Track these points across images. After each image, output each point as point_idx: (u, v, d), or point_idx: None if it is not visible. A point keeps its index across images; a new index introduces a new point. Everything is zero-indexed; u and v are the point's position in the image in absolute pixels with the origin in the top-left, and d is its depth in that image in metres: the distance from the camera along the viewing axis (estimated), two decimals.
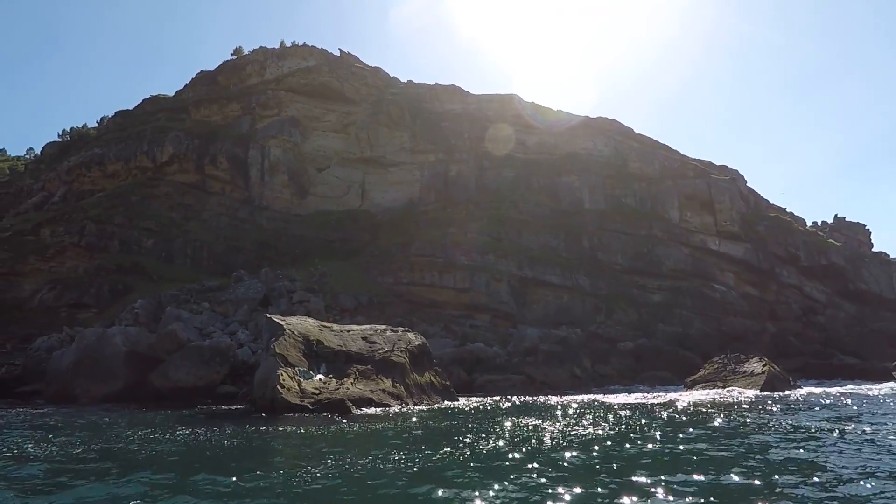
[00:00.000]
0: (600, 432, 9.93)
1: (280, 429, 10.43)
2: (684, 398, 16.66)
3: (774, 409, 13.43)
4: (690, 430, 10.14)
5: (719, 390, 17.25)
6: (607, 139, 46.27)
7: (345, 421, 11.39)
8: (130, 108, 54.71)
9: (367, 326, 17.73)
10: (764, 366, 17.69)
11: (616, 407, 14.39)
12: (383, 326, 17.87)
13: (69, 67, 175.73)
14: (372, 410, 12.43)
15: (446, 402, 15.28)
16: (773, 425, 10.32)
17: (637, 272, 39.89)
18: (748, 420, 11.10)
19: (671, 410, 12.70)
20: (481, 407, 14.34)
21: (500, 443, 8.88)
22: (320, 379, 13.46)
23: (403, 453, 8.07)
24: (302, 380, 13.11)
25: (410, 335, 17.15)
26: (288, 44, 54.17)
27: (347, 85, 48.67)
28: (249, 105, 49.04)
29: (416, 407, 13.77)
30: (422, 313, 35.64)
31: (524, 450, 8.39)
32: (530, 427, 10.41)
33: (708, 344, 34.12)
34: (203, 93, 52.43)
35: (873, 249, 52.81)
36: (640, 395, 19.01)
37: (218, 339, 26.01)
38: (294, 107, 48.29)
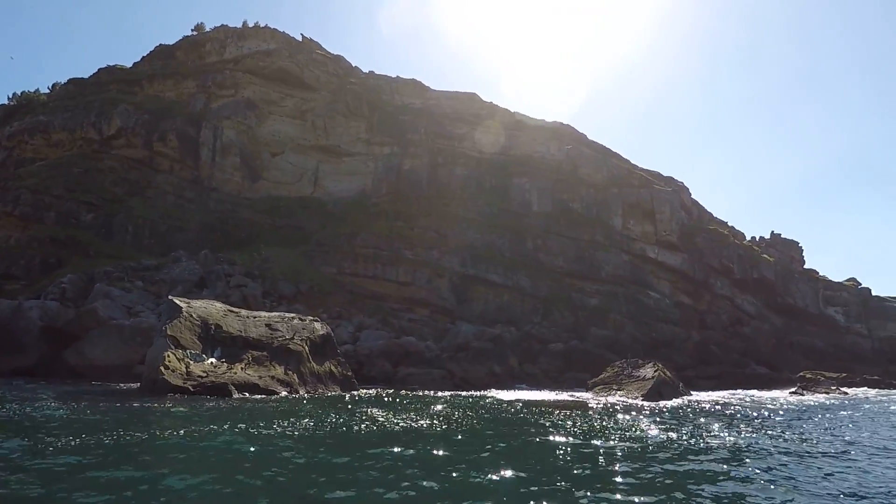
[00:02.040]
0: (422, 423, 10.53)
1: (135, 405, 10.75)
2: (569, 399, 17.61)
3: (621, 412, 14.18)
4: (489, 428, 10.75)
5: (608, 394, 18.19)
6: (561, 144, 47.30)
7: (219, 404, 11.68)
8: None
9: (277, 314, 17.96)
10: (655, 371, 18.72)
11: (487, 403, 15.09)
12: (292, 315, 18.12)
13: (30, 32, 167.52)
14: (255, 396, 12.75)
15: (342, 392, 15.70)
16: (584, 427, 10.93)
17: (577, 276, 41.09)
18: (575, 420, 11.88)
19: (528, 410, 13.36)
20: (366, 397, 14.78)
21: (306, 422, 9.48)
22: (212, 363, 13.67)
23: (207, 427, 8.53)
24: (192, 362, 13.30)
25: (316, 325, 17.46)
26: (251, 24, 53.40)
27: (307, 71, 48.26)
28: (205, 83, 48.13)
29: (306, 394, 14.15)
30: (362, 304, 35.96)
31: (305, 429, 8.92)
32: (365, 415, 10.92)
33: (636, 349, 35.46)
34: (158, 67, 51.18)
35: (805, 266, 55.64)
36: (537, 393, 19.83)
37: (141, 319, 25.74)
38: (251, 89, 47.64)
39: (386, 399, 14.90)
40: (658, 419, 12.67)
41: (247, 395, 12.71)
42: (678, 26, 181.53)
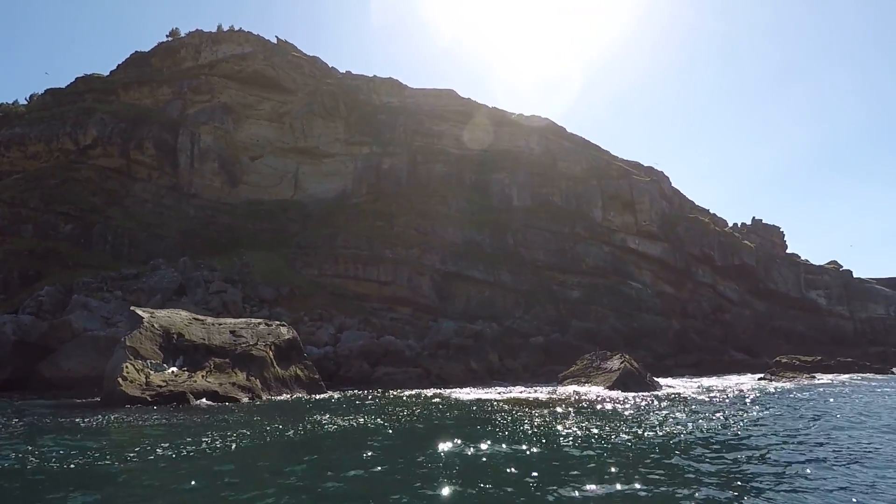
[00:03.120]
0: (368, 423, 10.69)
1: (77, 419, 10.79)
2: (536, 394, 17.81)
3: (575, 405, 14.36)
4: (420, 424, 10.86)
5: (577, 387, 18.41)
6: (539, 137, 47.44)
7: (166, 417, 11.74)
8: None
9: (243, 320, 18.04)
10: (622, 363, 18.94)
11: (451, 402, 15.26)
12: (259, 321, 18.21)
13: (11, 41, 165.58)
14: (215, 403, 12.83)
15: (308, 395, 15.83)
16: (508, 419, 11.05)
17: (558, 269, 41.31)
18: (514, 414, 12.04)
19: (478, 408, 13.48)
20: (327, 401, 14.82)
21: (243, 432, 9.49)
22: (172, 372, 13.75)
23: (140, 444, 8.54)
24: (152, 372, 13.38)
25: (283, 329, 17.54)
26: (225, 28, 53.14)
27: (283, 73, 48.13)
28: (181, 89, 47.93)
29: (270, 399, 14.26)
30: (343, 305, 36.04)
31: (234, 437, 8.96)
32: (309, 421, 10.98)
33: (616, 340, 35.77)
34: (134, 75, 50.89)
35: (787, 251, 56.12)
36: (507, 389, 20.01)
37: (118, 330, 25.73)
38: (227, 93, 47.49)
39: (357, 401, 14.95)
40: (601, 414, 12.87)
41: (206, 402, 12.81)
42: (657, 19, 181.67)
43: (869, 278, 52.08)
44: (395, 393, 18.42)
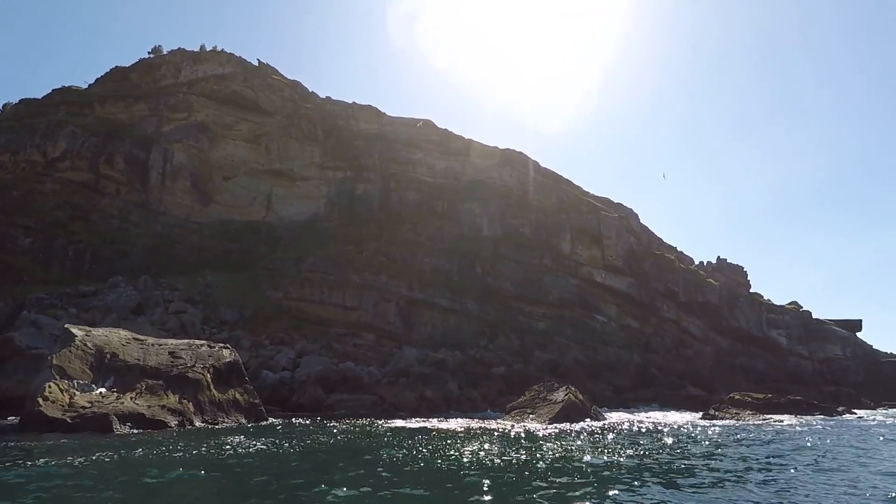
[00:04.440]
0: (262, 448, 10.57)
1: None
2: (473, 423, 17.83)
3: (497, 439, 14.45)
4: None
5: (522, 419, 18.43)
6: (512, 170, 48.41)
7: (76, 443, 11.37)
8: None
9: (185, 341, 17.77)
10: (566, 395, 19.11)
11: (380, 431, 15.18)
12: (202, 342, 17.96)
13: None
14: (138, 430, 12.41)
15: (245, 421, 15.52)
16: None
17: (525, 299, 41.66)
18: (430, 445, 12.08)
19: (407, 438, 13.42)
20: (257, 429, 14.46)
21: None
22: (100, 392, 13.44)
23: None
24: (79, 392, 13.07)
25: (225, 351, 17.32)
26: (208, 48, 53.70)
27: (262, 95, 48.59)
28: (158, 106, 47.95)
29: (200, 424, 13.94)
30: (306, 330, 35.68)
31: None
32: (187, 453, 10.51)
33: (578, 372, 36.01)
34: (111, 89, 50.84)
35: (750, 290, 57.54)
36: (451, 420, 19.93)
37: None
38: (205, 112, 47.63)
39: (255, 431, 14.61)
40: (508, 442, 12.96)
41: (129, 427, 12.47)
42: (631, 65, 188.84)
43: (827, 319, 53.54)
44: (337, 422, 18.16)
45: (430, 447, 11.73)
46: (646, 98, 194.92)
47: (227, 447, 10.68)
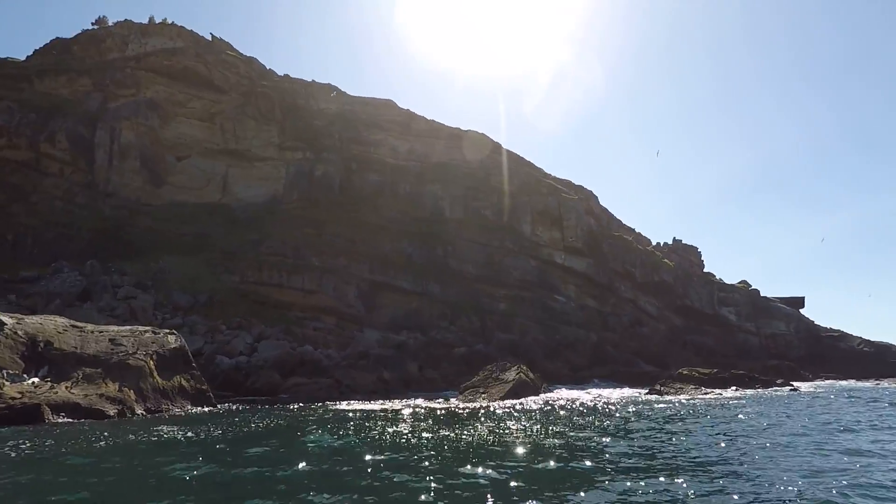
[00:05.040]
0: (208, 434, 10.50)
1: None
2: (424, 403, 18.14)
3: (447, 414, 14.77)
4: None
5: (473, 398, 18.84)
6: (475, 152, 48.30)
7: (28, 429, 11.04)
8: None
9: (127, 328, 17.24)
10: (517, 374, 19.60)
11: (324, 414, 15.25)
12: (146, 328, 17.46)
13: None
14: (75, 420, 12.02)
15: (192, 407, 15.26)
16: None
17: (486, 281, 42.08)
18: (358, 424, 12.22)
19: (343, 419, 13.57)
20: (200, 415, 14.24)
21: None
22: (33, 382, 12.94)
23: None
24: (8, 383, 12.53)
25: (170, 337, 16.90)
26: (157, 20, 51.05)
27: (216, 72, 46.69)
28: (103, 81, 45.49)
29: (143, 412, 13.59)
30: (265, 314, 35.12)
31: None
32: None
33: (537, 351, 36.80)
34: (52, 62, 47.84)
35: (704, 270, 59.77)
36: (406, 401, 20.16)
37: None
38: (154, 89, 45.49)
39: (192, 419, 14.39)
40: (462, 419, 13.23)
41: (66, 417, 12.07)
42: (608, 37, 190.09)
43: (773, 297, 56.24)
44: (287, 407, 18.07)
45: (357, 428, 11.83)
46: (607, 85, 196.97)
47: (150, 436, 10.48)
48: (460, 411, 15.47)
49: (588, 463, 8.25)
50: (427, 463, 8.23)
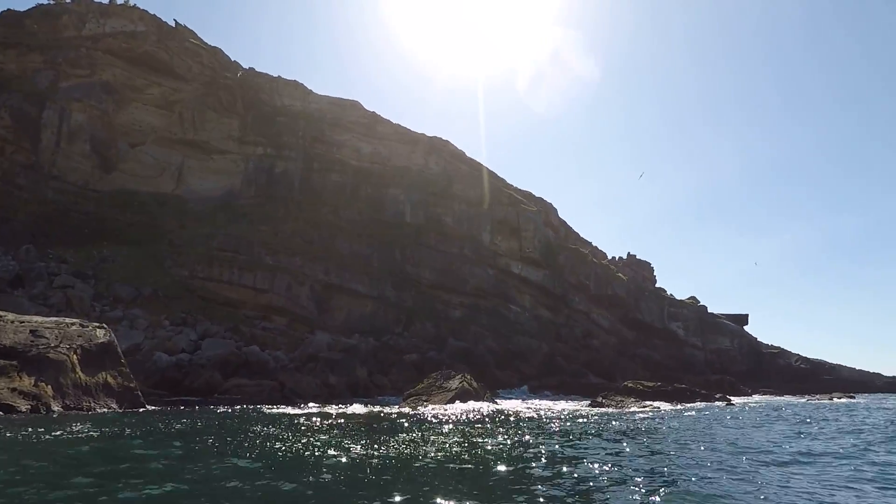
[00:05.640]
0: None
1: None
2: (357, 412, 18.04)
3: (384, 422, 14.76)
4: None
5: (416, 405, 18.88)
6: (438, 158, 48.55)
7: None
8: None
9: (53, 319, 16.49)
10: (460, 382, 19.79)
11: (251, 419, 15.00)
12: (74, 321, 16.74)
13: None
14: None
15: (117, 407, 14.68)
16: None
17: (443, 288, 42.24)
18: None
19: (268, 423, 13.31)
20: (113, 416, 13.69)
21: None
22: None
23: None
24: None
25: (99, 331, 16.25)
26: (119, 1, 49.22)
27: (178, 59, 45.35)
28: (55, 59, 43.45)
29: (61, 410, 13.01)
30: (212, 311, 34.20)
31: None
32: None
33: (489, 360, 37.17)
34: (0, 34, 45.38)
35: (656, 285, 61.75)
36: (343, 406, 20.02)
37: None
38: (111, 71, 43.77)
39: (145, 415, 13.93)
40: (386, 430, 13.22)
41: None
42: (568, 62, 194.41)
43: (720, 314, 58.58)
44: (220, 409, 17.63)
45: (266, 436, 11.49)
46: (593, 99, 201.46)
47: (51, 436, 10.02)
48: (393, 417, 15.44)
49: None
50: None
